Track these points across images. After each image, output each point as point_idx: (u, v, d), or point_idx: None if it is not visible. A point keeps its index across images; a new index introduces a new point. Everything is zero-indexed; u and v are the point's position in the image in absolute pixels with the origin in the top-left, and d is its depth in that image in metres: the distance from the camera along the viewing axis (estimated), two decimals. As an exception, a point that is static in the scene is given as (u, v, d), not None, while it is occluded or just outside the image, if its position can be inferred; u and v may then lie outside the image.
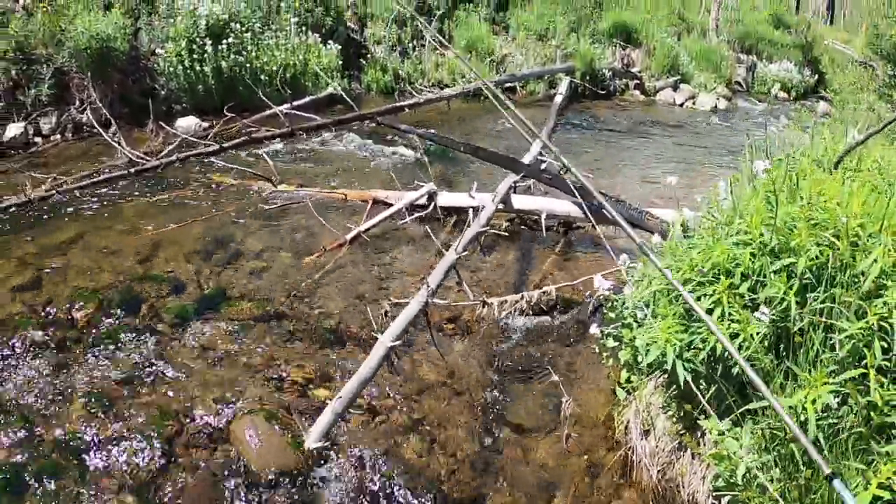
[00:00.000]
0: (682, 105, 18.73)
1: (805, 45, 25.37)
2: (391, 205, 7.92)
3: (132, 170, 8.07)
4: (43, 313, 5.97)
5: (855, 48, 24.22)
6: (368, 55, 15.80)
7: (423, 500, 4.20)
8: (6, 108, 10.81)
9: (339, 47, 14.44)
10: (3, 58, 10.92)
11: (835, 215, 3.64)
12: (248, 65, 12.71)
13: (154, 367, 5.27)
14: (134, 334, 5.66)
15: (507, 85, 16.35)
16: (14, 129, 10.59)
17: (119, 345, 5.53)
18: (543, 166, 8.71)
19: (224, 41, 12.54)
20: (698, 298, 3.79)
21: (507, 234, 7.61)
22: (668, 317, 4.02)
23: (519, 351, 5.83)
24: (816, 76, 23.72)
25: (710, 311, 3.68)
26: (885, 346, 3.19)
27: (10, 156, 10.21)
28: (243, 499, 4.11)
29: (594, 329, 4.94)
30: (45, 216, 7.95)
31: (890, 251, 3.36)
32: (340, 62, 14.35)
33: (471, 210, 7.82)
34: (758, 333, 3.54)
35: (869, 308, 3.28)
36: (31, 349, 5.47)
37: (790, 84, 22.63)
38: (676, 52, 20.15)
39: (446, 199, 8.09)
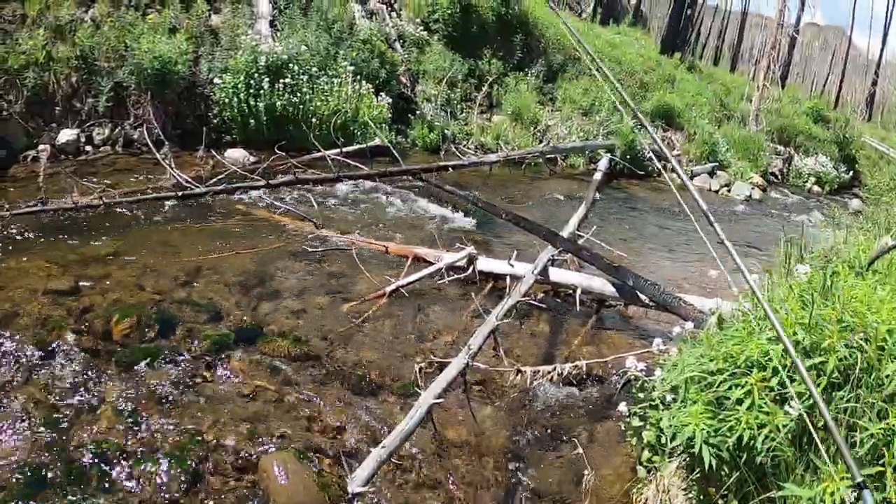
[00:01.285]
0: (717, 191, 18.83)
1: (842, 140, 25.53)
2: (431, 262, 7.97)
3: (180, 193, 8.20)
4: (80, 320, 6.04)
5: (892, 146, 24.40)
6: (417, 111, 15.96)
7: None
8: (63, 114, 11.02)
9: (390, 100, 14.61)
10: (67, 65, 11.14)
11: (865, 320, 3.74)
12: (301, 106, 12.88)
13: (186, 391, 5.30)
14: (169, 355, 5.70)
15: (549, 156, 16.49)
16: (67, 135, 10.85)
17: (153, 363, 5.58)
18: (581, 241, 8.78)
19: (281, 80, 12.74)
20: (730, 388, 3.87)
21: (542, 305, 7.64)
22: (697, 402, 4.06)
23: (546, 420, 5.82)
24: (851, 172, 23.90)
25: (741, 401, 3.76)
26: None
27: (61, 160, 10.39)
28: (267, 535, 4.11)
29: (622, 407, 4.98)
30: (91, 225, 8.04)
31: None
32: (390, 115, 14.52)
33: (508, 277, 7.86)
34: (784, 426, 3.59)
35: (891, 410, 3.41)
36: (66, 353, 5.53)
37: (825, 179, 22.81)
38: (715, 138, 20.29)
39: (485, 264, 8.13)
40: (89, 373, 5.32)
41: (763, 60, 25.64)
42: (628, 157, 17.48)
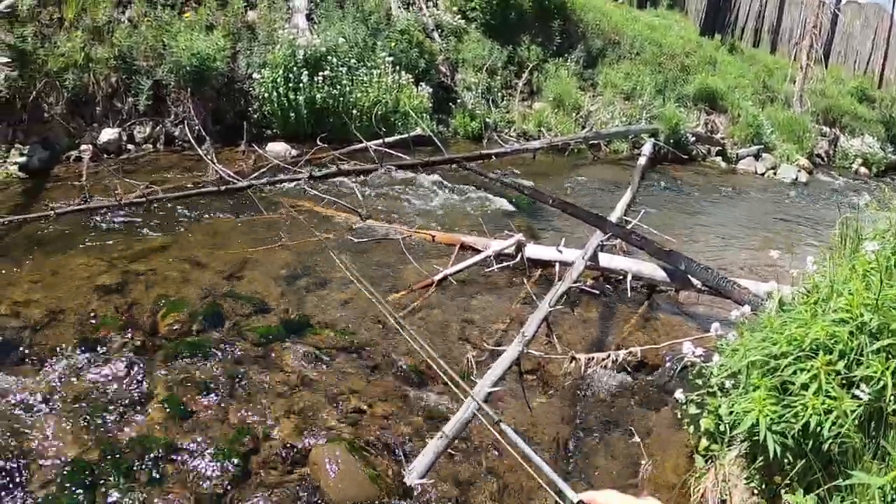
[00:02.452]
0: (763, 174, 18.54)
1: (888, 120, 25.06)
2: (478, 251, 7.86)
3: (223, 187, 8.18)
4: (126, 315, 6.03)
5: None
6: (458, 100, 15.86)
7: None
8: (104, 114, 11.05)
9: (430, 90, 14.55)
10: (106, 65, 11.17)
11: None
12: (341, 98, 12.84)
13: (234, 384, 5.23)
14: (215, 348, 5.64)
15: (592, 142, 16.35)
16: (109, 134, 10.86)
17: (200, 356, 5.52)
18: (629, 227, 8.62)
19: (320, 73, 12.70)
20: (795, 372, 3.74)
21: (593, 291, 7.48)
22: (760, 388, 3.90)
23: (600, 408, 5.69)
24: None
25: (806, 386, 3.63)
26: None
27: (103, 160, 10.43)
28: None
29: (678, 394, 4.82)
30: (135, 222, 8.03)
31: None
32: (430, 104, 14.45)
33: (557, 264, 7.73)
34: (852, 411, 3.44)
35: None
36: (114, 348, 5.51)
37: (872, 160, 22.40)
38: (760, 121, 19.99)
39: (534, 251, 8.00)
40: (137, 367, 5.26)
41: (805, 40, 25.21)
42: (672, 141, 17.29)
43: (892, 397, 3.42)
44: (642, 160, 14.49)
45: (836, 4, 41.14)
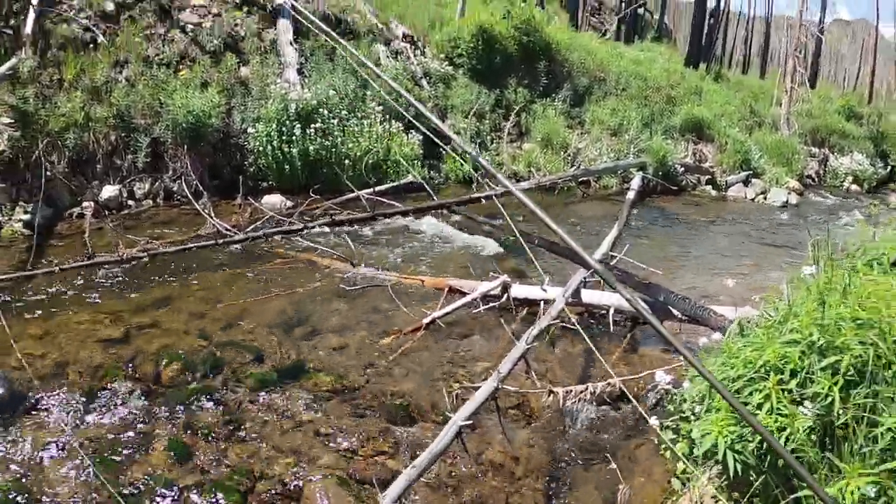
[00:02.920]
0: (753, 200, 18.82)
1: (876, 136, 25.38)
2: (466, 293, 8.16)
3: (220, 241, 8.50)
4: (131, 366, 6.34)
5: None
6: (448, 145, 16.13)
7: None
8: (104, 171, 11.43)
9: (421, 137, 14.88)
10: (105, 124, 11.56)
11: (879, 315, 3.84)
12: (333, 149, 13.20)
13: (232, 427, 5.54)
14: (215, 395, 5.97)
15: (581, 179, 16.67)
16: (109, 191, 11.24)
17: (200, 403, 5.84)
18: (615, 261, 8.94)
19: (312, 126, 13.08)
20: (750, 393, 4.00)
21: (575, 326, 7.79)
22: (721, 410, 4.19)
23: (581, 439, 5.95)
24: (889, 168, 23.81)
25: (760, 406, 3.88)
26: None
27: (105, 216, 10.80)
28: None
29: (653, 421, 5.10)
30: (137, 276, 8.36)
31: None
32: (421, 151, 14.78)
33: (542, 302, 8.02)
34: (804, 427, 3.71)
35: None
36: (119, 397, 5.83)
37: (863, 176, 22.78)
38: (747, 147, 20.29)
39: (519, 290, 8.31)
40: (141, 414, 5.60)
41: (788, 63, 25.66)
42: (660, 173, 17.62)
43: (839, 412, 3.69)
44: (631, 194, 14.80)
45: (819, 25, 41.54)
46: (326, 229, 9.94)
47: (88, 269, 8.27)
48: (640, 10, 42.61)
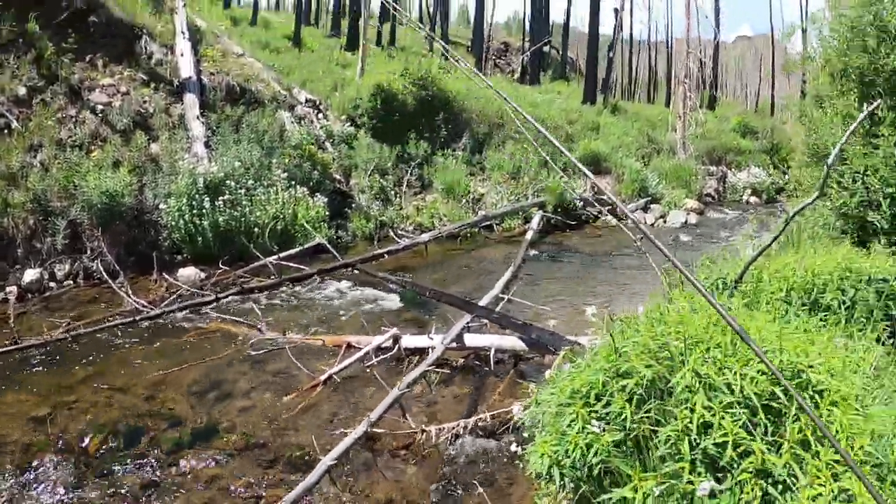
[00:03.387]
0: (653, 224, 19.89)
1: (770, 148, 26.83)
2: (362, 348, 9.07)
3: (138, 317, 9.29)
4: (59, 442, 7.11)
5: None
6: (353, 204, 17.09)
7: None
8: (25, 255, 12.07)
9: (326, 199, 15.74)
10: (23, 208, 12.22)
11: (663, 342, 4.71)
12: (242, 218, 13.95)
13: (153, 487, 6.38)
14: (136, 461, 6.78)
15: (484, 224, 17.61)
16: (31, 275, 11.82)
17: (124, 470, 6.65)
18: (504, 302, 9.96)
19: (220, 198, 13.84)
20: (565, 417, 4.82)
21: (458, 369, 8.78)
22: (551, 433, 5.13)
23: (464, 471, 6.81)
24: (786, 175, 25.10)
25: (570, 426, 4.75)
26: (695, 441, 4.17)
27: (28, 299, 11.44)
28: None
29: (513, 447, 6.02)
30: (61, 356, 9.11)
31: (693, 368, 4.46)
32: (327, 213, 15.60)
33: (430, 349, 8.95)
34: (610, 441, 4.53)
35: (679, 413, 4.28)
36: (49, 471, 6.62)
37: (761, 188, 24.15)
38: (644, 175, 21.40)
39: (409, 341, 9.22)
40: (71, 485, 6.39)
41: (679, 89, 27.08)
42: (559, 209, 18.65)
43: (630, 426, 4.64)
44: (529, 234, 15.81)
45: (714, 47, 43.38)
46: (238, 298, 10.78)
47: (15, 354, 8.88)
48: (546, 48, 44.09)
